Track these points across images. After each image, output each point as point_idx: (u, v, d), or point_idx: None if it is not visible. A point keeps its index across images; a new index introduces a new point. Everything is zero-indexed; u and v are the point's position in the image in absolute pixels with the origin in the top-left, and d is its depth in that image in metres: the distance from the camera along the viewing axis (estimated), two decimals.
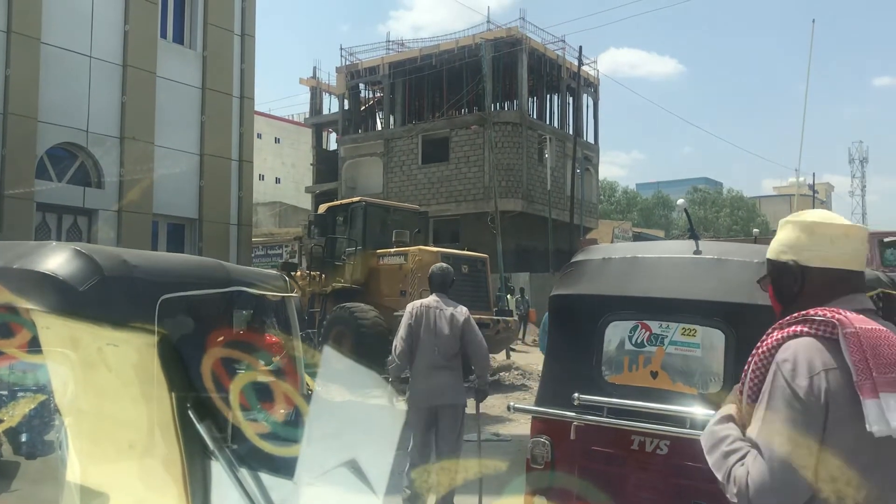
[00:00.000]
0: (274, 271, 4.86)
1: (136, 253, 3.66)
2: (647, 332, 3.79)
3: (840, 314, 1.90)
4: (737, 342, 3.57)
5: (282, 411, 3.99)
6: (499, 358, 14.61)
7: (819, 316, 1.92)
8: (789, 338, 1.95)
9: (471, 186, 31.61)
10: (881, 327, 1.91)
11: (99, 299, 3.12)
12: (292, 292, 4.37)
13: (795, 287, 2.08)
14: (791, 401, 1.85)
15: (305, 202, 41.64)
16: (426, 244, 15.11)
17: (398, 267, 13.24)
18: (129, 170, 14.02)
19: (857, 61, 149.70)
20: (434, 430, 5.92)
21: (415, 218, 15.97)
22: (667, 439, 3.61)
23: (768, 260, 2.17)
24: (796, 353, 1.89)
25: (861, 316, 1.92)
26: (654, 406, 3.67)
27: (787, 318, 2.00)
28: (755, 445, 1.90)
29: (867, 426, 1.77)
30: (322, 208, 15.99)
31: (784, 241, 2.12)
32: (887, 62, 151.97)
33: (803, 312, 1.97)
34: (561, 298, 4.23)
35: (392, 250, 13.65)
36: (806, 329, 1.93)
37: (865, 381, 1.80)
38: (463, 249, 15.85)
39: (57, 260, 3.17)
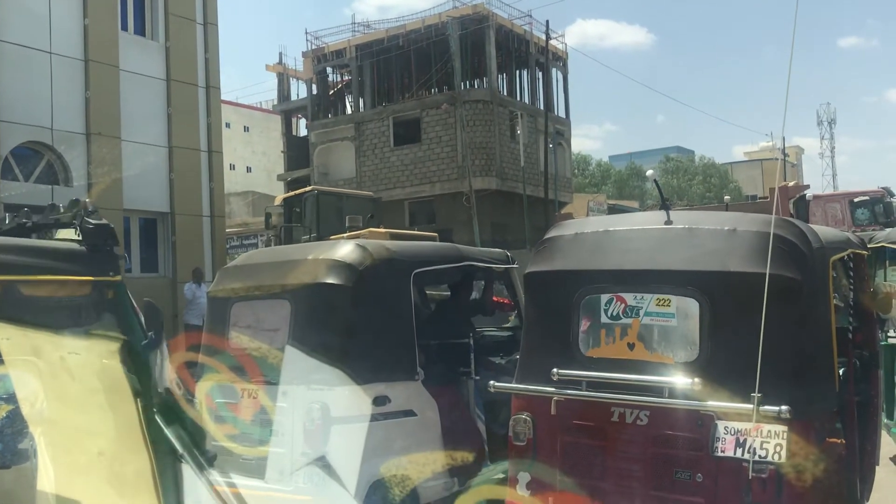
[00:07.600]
0: (499, 250, 6.53)
1: (396, 243, 5.64)
2: (623, 305, 3.82)
3: None
4: (711, 310, 3.60)
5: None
6: None
7: None
8: None
9: (444, 167, 31.52)
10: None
11: (372, 274, 4.87)
12: (513, 264, 6.13)
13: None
14: None
15: (278, 190, 41.29)
16: (378, 228, 15.54)
17: None
18: (97, 166, 13.81)
19: (821, 22, 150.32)
20: None
21: (367, 204, 16.32)
22: (646, 410, 3.65)
23: None
24: None
25: None
26: (632, 377, 3.70)
27: None
28: None
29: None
30: (278, 199, 16.36)
31: None
32: (852, 22, 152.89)
33: None
34: (535, 275, 4.24)
35: (345, 234, 14.03)
36: None
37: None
38: (435, 231, 16.23)
39: (344, 250, 4.99)
